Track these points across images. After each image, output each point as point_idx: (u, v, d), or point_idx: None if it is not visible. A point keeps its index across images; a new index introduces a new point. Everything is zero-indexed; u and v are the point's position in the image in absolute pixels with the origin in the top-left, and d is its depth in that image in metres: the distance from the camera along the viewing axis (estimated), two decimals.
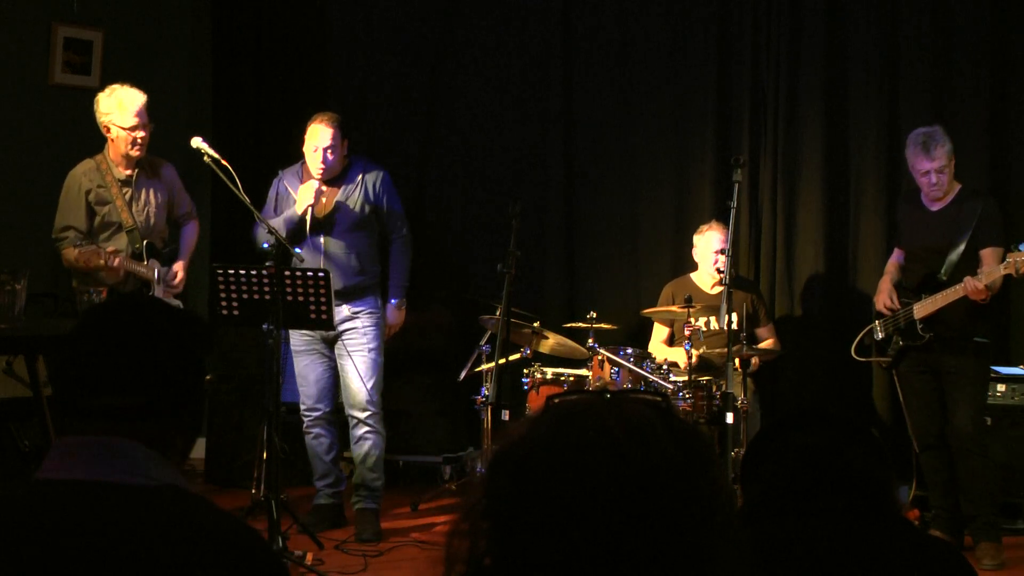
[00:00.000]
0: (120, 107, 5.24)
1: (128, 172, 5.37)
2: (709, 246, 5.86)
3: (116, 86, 5.31)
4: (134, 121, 5.23)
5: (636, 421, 1.27)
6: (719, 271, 5.55)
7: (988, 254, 5.06)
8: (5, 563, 1.47)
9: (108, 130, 5.29)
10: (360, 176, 5.41)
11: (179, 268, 5.49)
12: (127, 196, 5.37)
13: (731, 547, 1.27)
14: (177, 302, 5.40)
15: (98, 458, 1.55)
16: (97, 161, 5.35)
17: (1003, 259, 4.99)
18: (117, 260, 5.17)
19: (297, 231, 5.29)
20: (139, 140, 5.26)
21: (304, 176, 5.38)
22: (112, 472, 1.55)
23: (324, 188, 5.28)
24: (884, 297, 5.30)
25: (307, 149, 5.32)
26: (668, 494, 1.23)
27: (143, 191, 5.42)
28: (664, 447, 1.25)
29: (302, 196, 5.27)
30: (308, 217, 5.26)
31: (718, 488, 1.27)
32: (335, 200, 5.35)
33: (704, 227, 5.94)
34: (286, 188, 5.43)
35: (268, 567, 1.54)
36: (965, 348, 5.09)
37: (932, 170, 5.06)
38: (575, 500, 1.22)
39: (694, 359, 5.35)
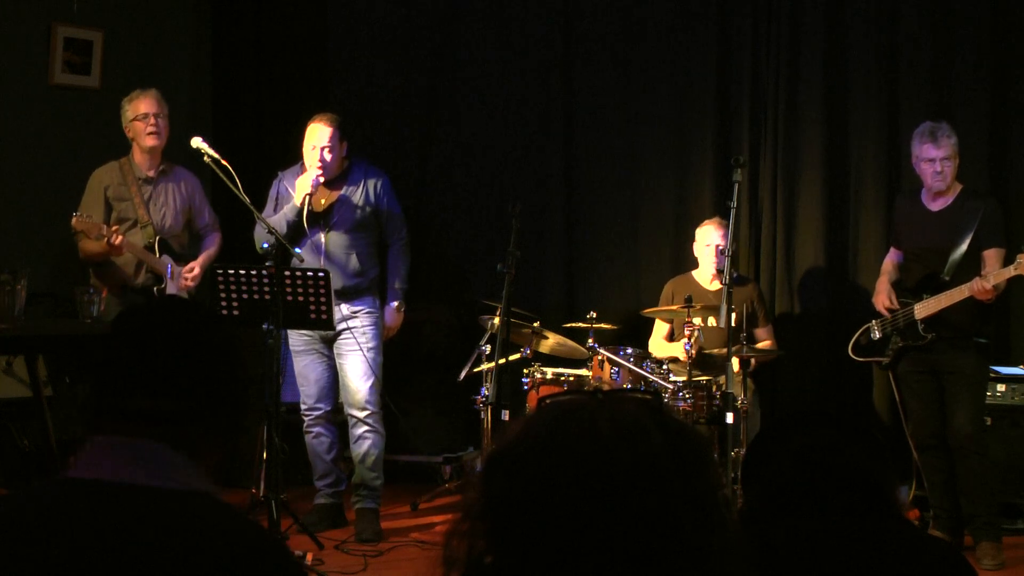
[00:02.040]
0: (134, 101, 5.46)
1: (150, 173, 5.52)
2: (704, 240, 5.87)
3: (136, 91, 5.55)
4: (146, 109, 5.43)
5: (625, 420, 1.27)
6: (719, 271, 5.56)
7: (990, 255, 5.06)
8: (30, 560, 1.47)
9: (129, 129, 5.47)
10: (362, 178, 5.42)
11: (196, 264, 5.57)
12: (146, 195, 5.50)
13: (726, 544, 1.27)
14: None
15: (125, 459, 1.55)
16: (120, 162, 5.53)
17: (1005, 259, 5.00)
18: (119, 238, 5.23)
19: (297, 227, 5.29)
20: (152, 125, 5.42)
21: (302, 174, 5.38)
22: (138, 474, 1.54)
23: (322, 179, 5.27)
24: (883, 298, 5.30)
25: (305, 148, 5.33)
26: (658, 492, 1.23)
27: (162, 192, 5.56)
28: (653, 446, 1.25)
29: (300, 186, 5.27)
30: (305, 210, 5.25)
31: (712, 486, 1.27)
32: (337, 197, 5.36)
33: (705, 221, 5.94)
34: (286, 189, 5.42)
35: (288, 574, 1.54)
36: (967, 348, 5.09)
37: (938, 158, 5.05)
38: (566, 500, 1.22)
39: (693, 355, 5.35)
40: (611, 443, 1.24)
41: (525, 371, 5.73)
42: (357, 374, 5.33)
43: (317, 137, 5.28)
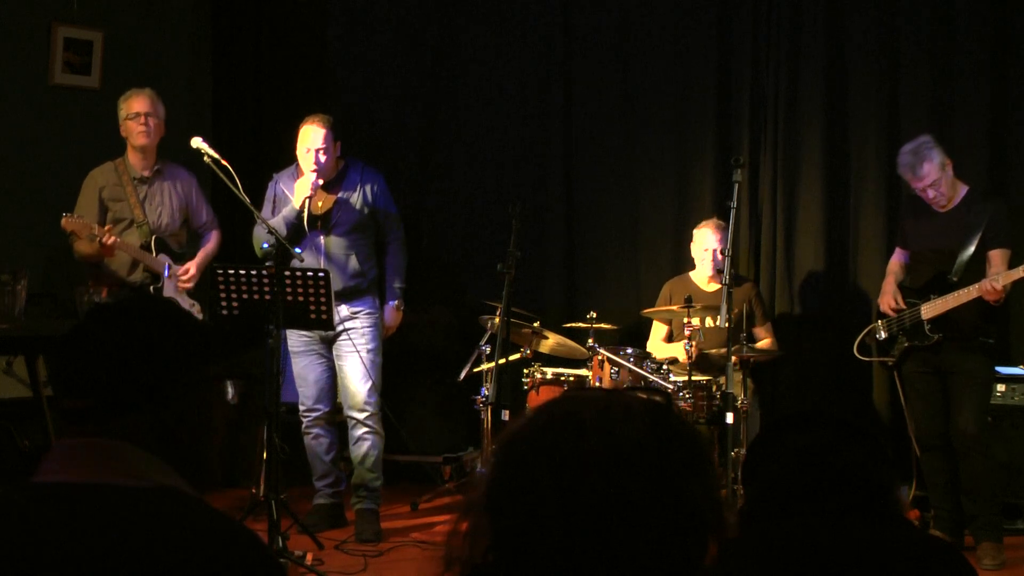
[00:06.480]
0: (128, 100, 5.47)
1: (145, 172, 5.52)
2: (701, 244, 5.87)
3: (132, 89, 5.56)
4: (138, 108, 5.43)
5: (613, 417, 1.27)
6: (719, 271, 5.56)
7: (996, 255, 5.07)
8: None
9: (123, 128, 5.48)
10: (358, 179, 5.41)
11: (192, 265, 5.56)
12: (142, 194, 5.50)
13: (722, 547, 1.27)
14: (192, 301, 5.46)
15: (90, 460, 1.55)
16: (116, 163, 5.53)
17: (1011, 260, 5.01)
18: (111, 238, 5.21)
19: (296, 229, 5.28)
20: (143, 124, 5.42)
21: (299, 176, 5.37)
22: (104, 474, 1.54)
23: (321, 181, 5.27)
24: (889, 298, 5.30)
25: (299, 150, 5.31)
26: (639, 492, 1.22)
27: (158, 191, 5.56)
28: (636, 445, 1.24)
29: (299, 190, 5.26)
30: (305, 213, 5.25)
31: (706, 492, 1.27)
32: (335, 200, 5.35)
33: (703, 223, 5.93)
34: (283, 190, 5.41)
35: (263, 567, 1.53)
36: (973, 349, 5.09)
37: (924, 187, 5.09)
38: (550, 492, 1.22)
39: (693, 355, 5.35)
40: (591, 438, 1.24)
41: (525, 371, 5.73)
42: (356, 375, 5.32)
43: (311, 139, 5.27)
